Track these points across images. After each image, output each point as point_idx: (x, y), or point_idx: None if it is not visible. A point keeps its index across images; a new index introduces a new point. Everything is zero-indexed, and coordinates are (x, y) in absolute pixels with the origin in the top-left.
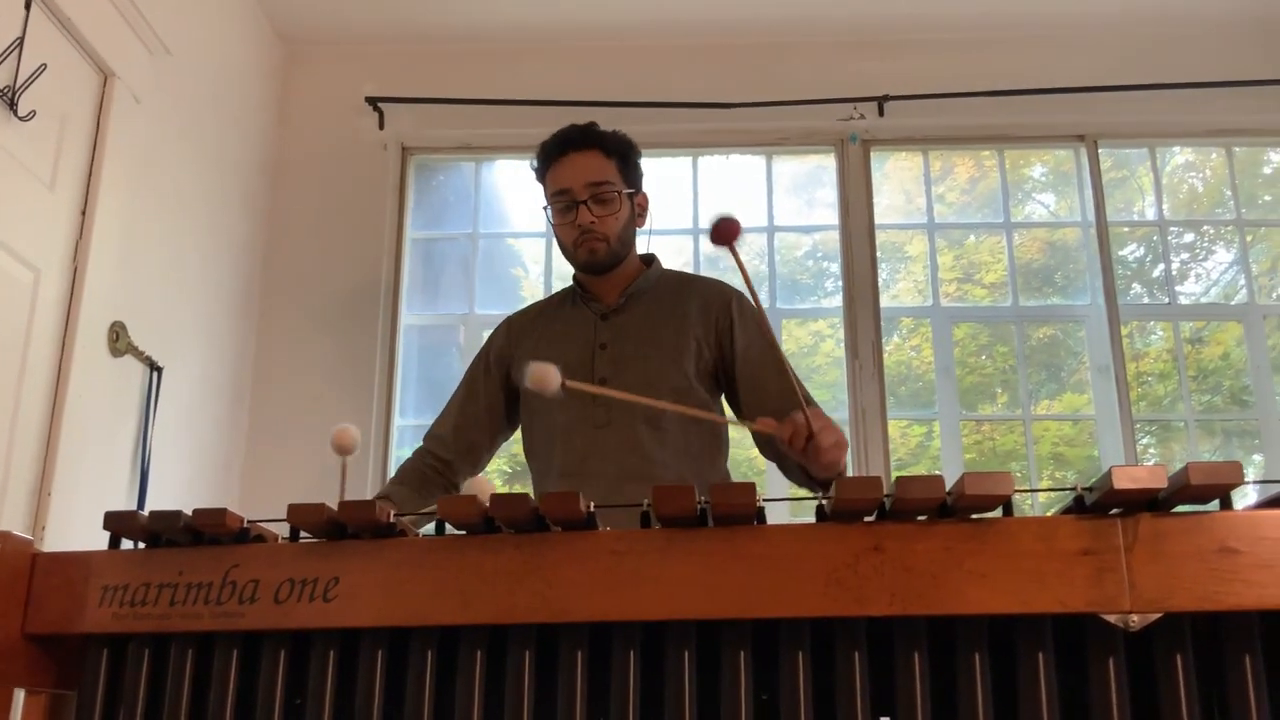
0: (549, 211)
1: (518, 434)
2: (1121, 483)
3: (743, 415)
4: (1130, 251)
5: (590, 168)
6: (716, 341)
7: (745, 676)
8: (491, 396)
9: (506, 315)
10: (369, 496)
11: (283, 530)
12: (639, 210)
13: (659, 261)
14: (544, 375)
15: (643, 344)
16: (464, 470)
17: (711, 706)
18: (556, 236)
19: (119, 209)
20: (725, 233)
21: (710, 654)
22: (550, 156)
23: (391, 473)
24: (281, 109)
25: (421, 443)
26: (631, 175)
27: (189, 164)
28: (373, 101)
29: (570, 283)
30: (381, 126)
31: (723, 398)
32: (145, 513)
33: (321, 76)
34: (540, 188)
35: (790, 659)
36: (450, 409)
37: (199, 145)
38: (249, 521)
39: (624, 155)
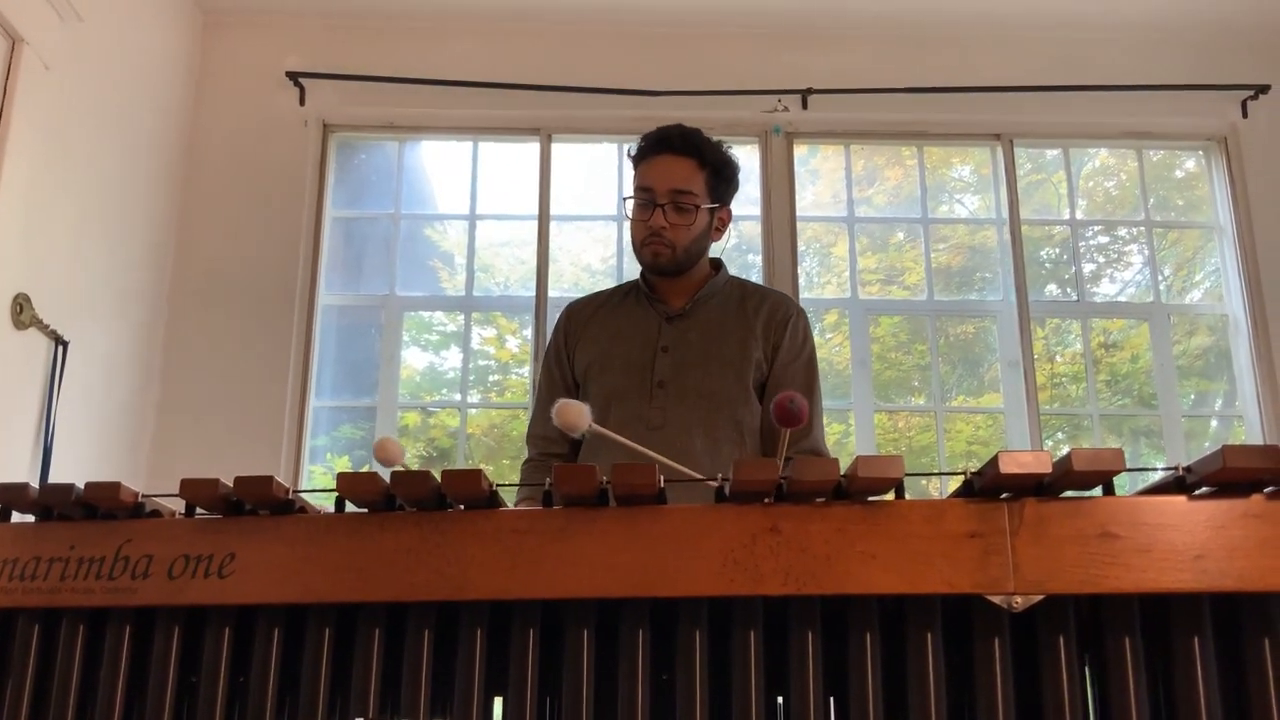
0: (628, 203)
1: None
2: (1008, 467)
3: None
4: (1047, 252)
5: (678, 174)
6: (768, 354)
7: (643, 655)
8: (571, 385)
9: (566, 304)
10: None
11: (181, 507)
12: (719, 225)
13: (726, 268)
14: (573, 416)
15: (705, 352)
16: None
17: (610, 685)
18: (631, 229)
19: (24, 179)
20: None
21: (609, 633)
22: (645, 151)
23: (305, 453)
24: (199, 81)
25: (527, 452)
26: (720, 190)
27: (100, 135)
28: (294, 76)
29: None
30: (302, 102)
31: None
32: (36, 486)
33: (241, 49)
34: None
35: (687, 638)
36: (540, 408)
37: (111, 116)
38: (144, 496)
39: (717, 169)
